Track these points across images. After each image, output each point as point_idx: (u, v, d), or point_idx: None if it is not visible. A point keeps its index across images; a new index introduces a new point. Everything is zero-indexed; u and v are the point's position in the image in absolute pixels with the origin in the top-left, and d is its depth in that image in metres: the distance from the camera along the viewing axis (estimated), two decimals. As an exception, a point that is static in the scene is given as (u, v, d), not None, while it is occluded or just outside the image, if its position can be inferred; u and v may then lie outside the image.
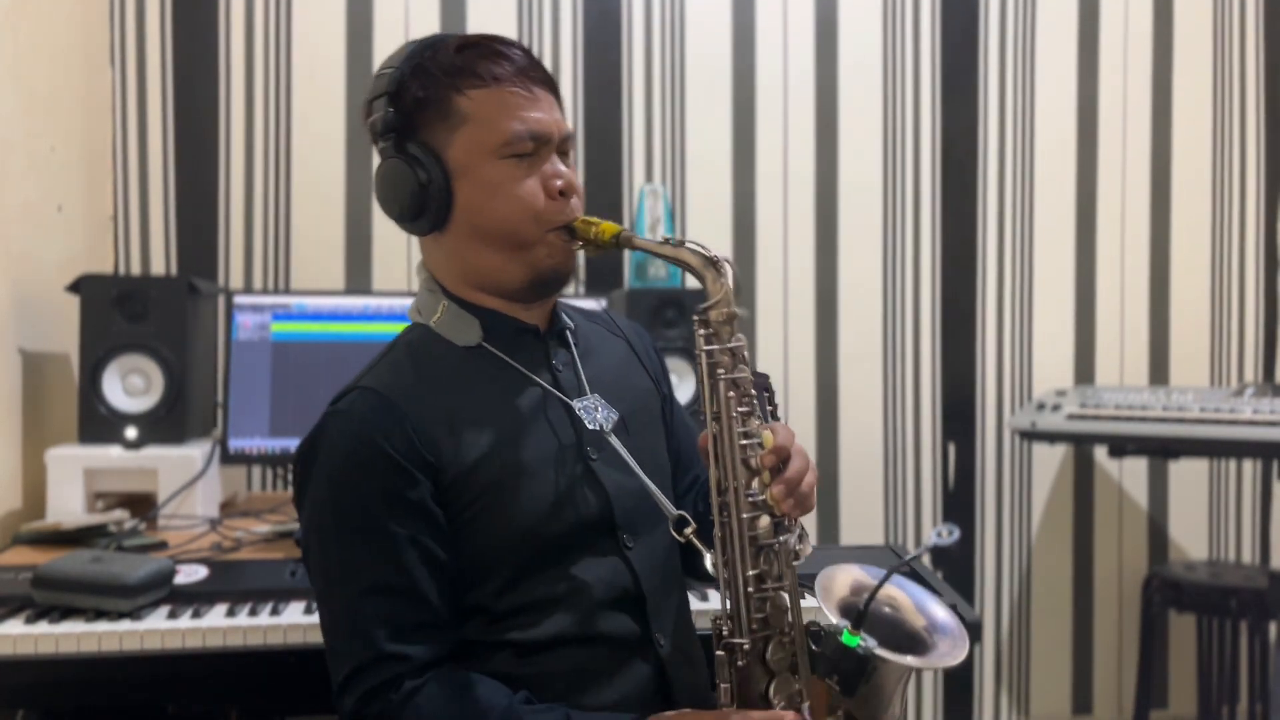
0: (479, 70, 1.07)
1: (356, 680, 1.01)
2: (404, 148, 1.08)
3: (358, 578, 1.02)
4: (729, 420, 1.04)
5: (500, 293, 1.12)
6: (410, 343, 1.14)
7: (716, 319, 1.05)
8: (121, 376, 1.88)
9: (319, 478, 1.05)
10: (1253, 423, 2.21)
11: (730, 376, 1.05)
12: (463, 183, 1.07)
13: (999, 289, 2.74)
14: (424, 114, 1.08)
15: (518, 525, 1.06)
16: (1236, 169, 2.81)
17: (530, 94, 1.08)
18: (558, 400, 1.12)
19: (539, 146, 1.08)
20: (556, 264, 1.10)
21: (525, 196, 1.07)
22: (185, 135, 2.43)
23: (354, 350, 1.98)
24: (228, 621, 1.39)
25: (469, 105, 1.06)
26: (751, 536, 1.02)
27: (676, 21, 2.61)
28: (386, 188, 1.09)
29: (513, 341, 1.12)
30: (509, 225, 1.07)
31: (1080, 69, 2.75)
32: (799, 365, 2.65)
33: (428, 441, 1.04)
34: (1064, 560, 2.77)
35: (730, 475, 1.03)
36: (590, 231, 1.07)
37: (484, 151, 1.06)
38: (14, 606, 1.42)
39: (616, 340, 1.26)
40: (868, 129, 2.68)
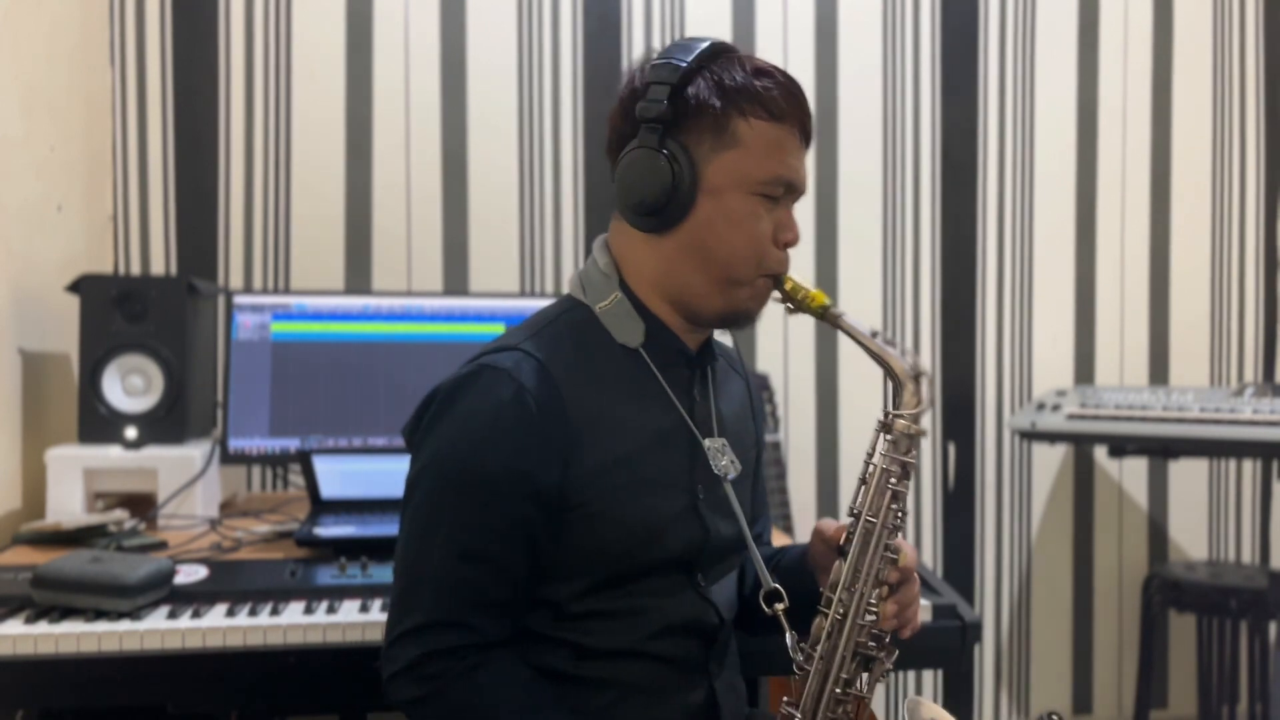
0: (770, 103, 1.06)
1: (424, 635, 1.00)
2: (665, 144, 1.06)
3: (459, 537, 1.02)
4: (882, 530, 1.05)
5: (687, 312, 1.11)
6: (574, 322, 1.12)
7: (900, 429, 1.06)
8: (121, 376, 1.88)
9: (455, 424, 1.04)
10: (1253, 423, 2.21)
11: (896, 488, 1.05)
12: (708, 200, 1.06)
13: (999, 289, 2.74)
14: (699, 120, 1.06)
15: (617, 540, 1.05)
16: (1236, 169, 2.81)
17: (800, 143, 1.09)
18: (688, 431, 1.12)
19: (786, 194, 1.09)
20: (754, 308, 1.11)
21: (759, 237, 1.07)
22: (185, 135, 2.43)
23: (354, 350, 1.98)
24: (228, 621, 1.39)
25: (747, 132, 1.06)
26: (857, 644, 1.04)
27: (676, 22, 2.61)
28: (637, 175, 1.07)
29: (666, 358, 1.12)
30: (733, 258, 1.07)
31: (1080, 69, 2.75)
32: (799, 365, 2.65)
33: (574, 428, 1.03)
34: (1064, 560, 2.77)
35: (862, 581, 1.04)
36: (798, 294, 1.09)
37: (742, 180, 1.06)
38: (14, 606, 1.41)
39: (738, 380, 1.27)
40: (868, 129, 2.68)
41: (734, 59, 1.08)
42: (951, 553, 2.72)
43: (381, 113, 2.49)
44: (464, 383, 1.05)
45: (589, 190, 2.57)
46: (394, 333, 2.00)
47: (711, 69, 1.07)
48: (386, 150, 2.49)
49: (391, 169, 2.50)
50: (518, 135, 2.54)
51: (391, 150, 2.49)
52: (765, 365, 2.60)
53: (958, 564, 2.72)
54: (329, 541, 1.63)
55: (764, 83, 1.06)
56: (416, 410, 1.09)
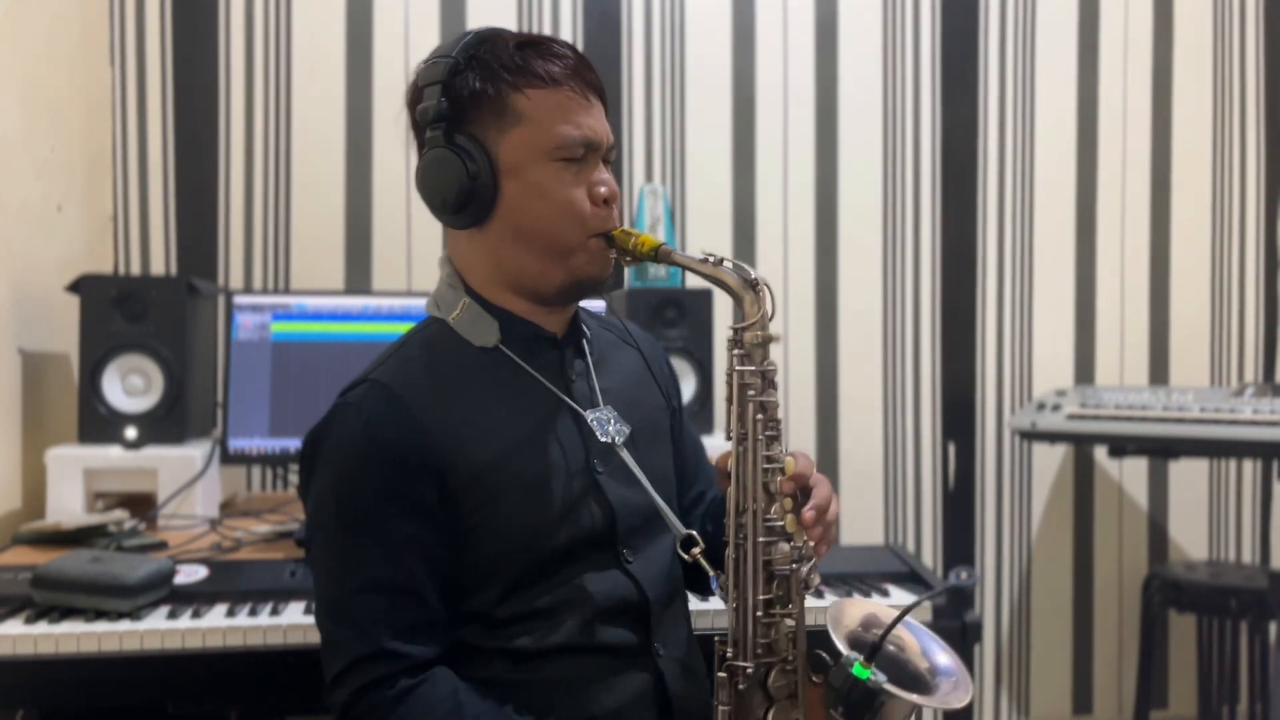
0: (539, 70, 1.06)
1: (351, 674, 1.01)
2: (453, 139, 1.06)
3: (358, 573, 1.02)
4: (754, 443, 1.04)
5: (533, 295, 1.11)
6: (426, 339, 1.12)
7: (751, 341, 1.04)
8: (121, 376, 1.88)
9: (324, 469, 1.05)
10: (1253, 423, 2.21)
11: (760, 399, 1.04)
12: (510, 181, 1.06)
13: (999, 289, 2.74)
14: (478, 108, 1.06)
15: (521, 534, 1.05)
16: (1236, 169, 2.81)
17: (585, 100, 1.09)
18: (569, 410, 1.11)
19: (588, 152, 1.08)
20: (594, 271, 1.09)
21: (572, 201, 1.07)
22: (185, 135, 2.43)
23: (354, 350, 1.98)
24: (228, 621, 1.39)
25: (526, 104, 1.06)
26: (765, 561, 1.02)
27: (676, 22, 2.61)
28: (431, 177, 1.08)
29: (529, 347, 1.12)
30: (553, 228, 1.07)
31: (1080, 69, 2.75)
32: (799, 365, 2.65)
33: (436, 442, 1.03)
34: (1064, 560, 2.77)
35: (750, 498, 1.03)
36: (630, 242, 1.07)
37: (536, 152, 1.06)
38: (14, 606, 1.42)
39: (629, 350, 1.25)
40: (868, 130, 2.68)
41: (499, 40, 1.09)
42: (951, 553, 2.72)
43: (381, 112, 2.49)
44: (322, 429, 1.07)
45: (589, 190, 2.56)
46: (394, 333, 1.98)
47: (478, 56, 1.07)
48: (386, 150, 2.49)
49: (391, 169, 2.50)
50: (518, 135, 2.54)
51: (391, 150, 2.49)
52: (765, 365, 2.59)
53: (958, 564, 2.72)
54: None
55: (529, 53, 1.07)
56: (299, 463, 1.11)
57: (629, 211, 2.56)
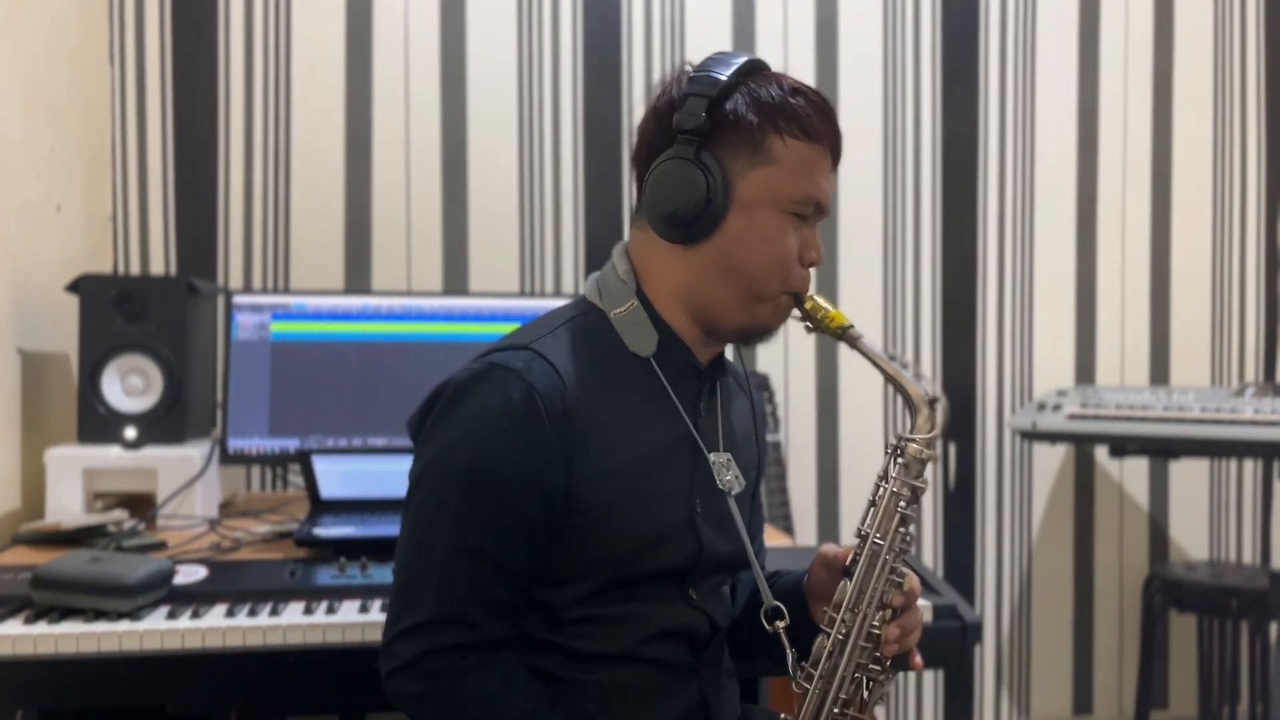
0: (806, 122, 1.07)
1: (425, 632, 1.00)
2: (700, 156, 1.06)
3: (464, 535, 1.01)
4: (889, 553, 1.05)
5: (709, 326, 1.11)
6: (586, 326, 1.12)
7: (913, 454, 1.06)
8: (121, 376, 1.88)
9: (464, 421, 1.03)
10: (1253, 423, 2.21)
11: (905, 512, 1.06)
12: (739, 215, 1.06)
13: (999, 289, 2.73)
14: (736, 135, 1.06)
15: (614, 551, 1.06)
16: (1236, 169, 2.80)
17: (830, 164, 1.10)
18: (693, 444, 1.11)
19: (814, 214, 1.10)
20: (774, 325, 1.12)
21: (786, 255, 1.08)
22: (185, 135, 2.43)
23: (354, 350, 1.98)
24: (227, 622, 1.39)
25: (782, 150, 1.06)
26: (858, 665, 1.04)
27: (676, 22, 2.61)
28: (669, 186, 1.06)
29: (677, 369, 1.12)
30: (761, 274, 1.07)
31: (1080, 69, 2.75)
32: (799, 365, 2.65)
33: (580, 434, 1.03)
34: (1064, 560, 2.77)
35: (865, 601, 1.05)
36: (818, 314, 1.09)
37: (774, 197, 1.06)
38: (13, 607, 1.41)
39: (743, 397, 1.26)
40: (868, 129, 2.68)
41: (770, 76, 1.09)
42: (952, 553, 2.72)
43: (381, 112, 2.49)
44: (473, 380, 1.04)
45: (589, 190, 2.57)
46: (394, 333, 2.00)
47: (749, 84, 1.07)
48: (386, 150, 2.49)
49: (391, 169, 2.49)
50: (518, 135, 2.54)
51: (391, 150, 2.49)
52: (765, 365, 2.60)
53: (958, 564, 2.72)
54: (329, 542, 1.63)
55: (799, 101, 1.07)
56: (424, 404, 1.09)
57: (628, 212, 2.56)
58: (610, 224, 2.57)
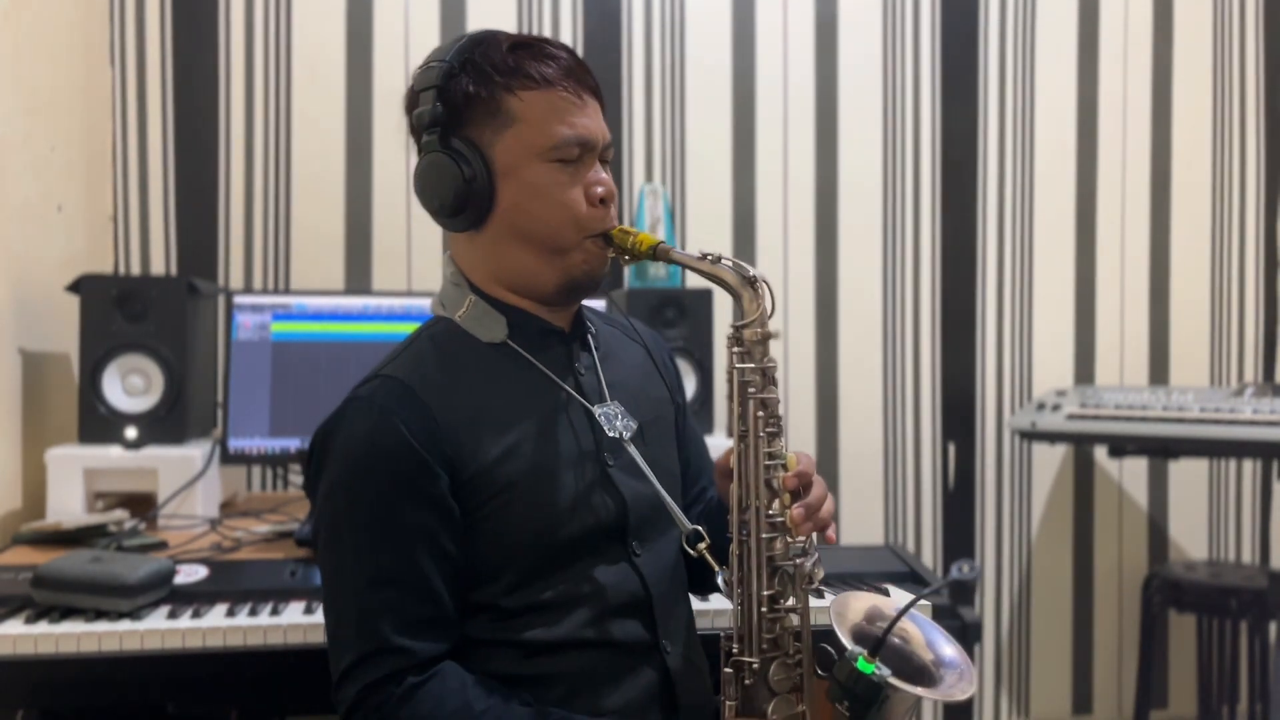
0: (531, 71, 1.06)
1: (359, 671, 1.00)
2: (449, 142, 1.07)
3: (367, 567, 1.02)
4: (756, 440, 1.03)
5: (531, 294, 1.12)
6: (434, 335, 1.13)
7: (750, 338, 1.04)
8: (121, 376, 1.88)
9: (335, 463, 1.05)
10: (1253, 423, 2.21)
11: (760, 396, 1.04)
12: (506, 182, 1.07)
13: (999, 289, 2.74)
14: (472, 110, 1.07)
15: (532, 527, 1.05)
16: (1236, 169, 2.81)
17: (579, 99, 1.08)
18: (579, 404, 1.12)
19: (584, 152, 1.08)
20: (591, 270, 1.10)
21: (568, 202, 1.07)
22: (185, 135, 2.43)
23: (354, 350, 1.98)
24: (228, 621, 1.39)
25: (519, 106, 1.06)
26: (769, 556, 1.02)
27: (676, 22, 2.61)
28: (428, 181, 1.08)
29: (537, 341, 1.12)
30: (549, 229, 1.07)
31: (1080, 69, 2.75)
32: (799, 365, 2.65)
33: (449, 435, 1.03)
34: (1064, 560, 2.77)
35: (753, 494, 1.03)
36: (628, 241, 1.08)
37: (531, 153, 1.06)
38: (14, 606, 1.42)
39: (635, 346, 1.26)
40: (868, 129, 2.68)
41: (491, 42, 1.09)
42: (951, 553, 2.72)
43: (381, 112, 2.49)
44: (333, 423, 1.06)
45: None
46: (394, 333, 2.00)
47: (470, 59, 1.07)
48: (386, 150, 2.49)
49: (391, 169, 2.50)
50: (518, 135, 2.54)
51: (391, 150, 2.49)
52: (765, 365, 2.59)
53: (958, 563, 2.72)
54: (324, 543, 1.63)
55: (521, 54, 1.07)
56: (305, 461, 1.11)
57: (629, 211, 2.56)
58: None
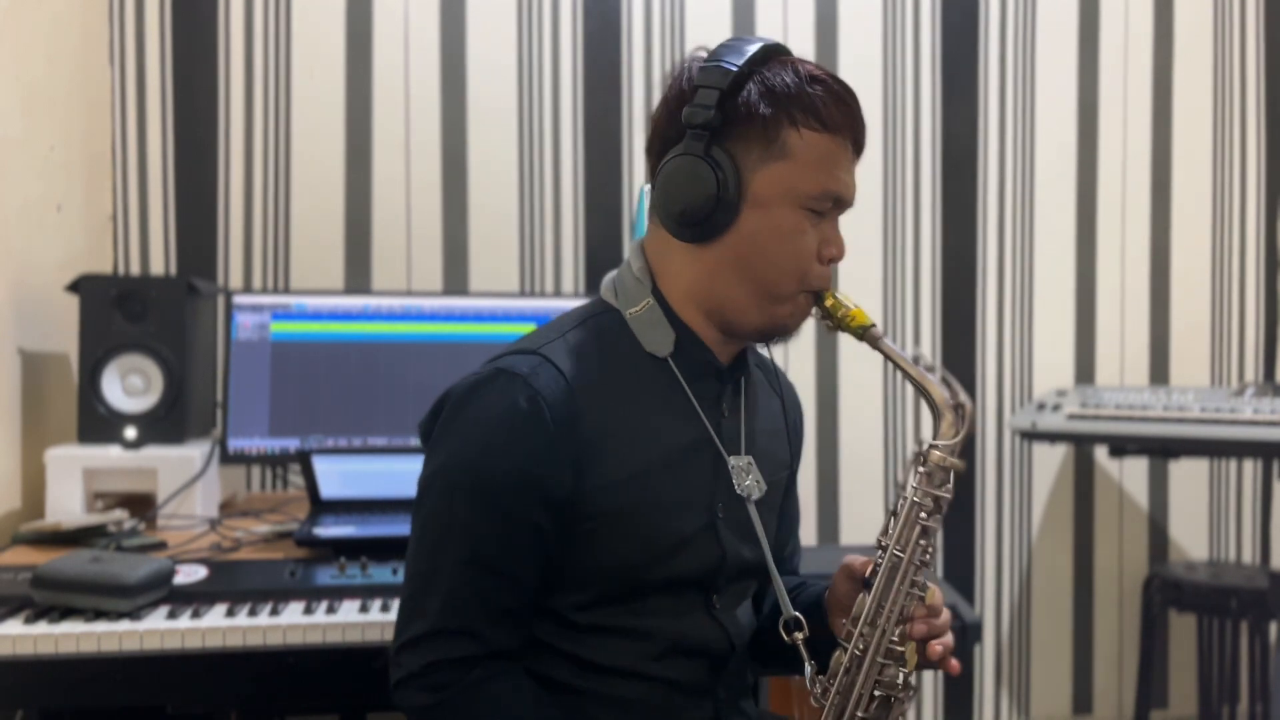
0: (823, 113, 1.02)
1: (430, 643, 0.99)
2: (711, 151, 1.02)
3: (469, 544, 1.00)
4: (909, 565, 1.02)
5: (726, 326, 1.08)
6: (601, 327, 1.09)
7: (936, 461, 1.02)
8: (121, 376, 1.88)
9: (468, 427, 1.01)
10: (1253, 423, 2.21)
11: (926, 524, 1.02)
12: (753, 212, 1.02)
13: (999, 289, 2.74)
14: (748, 128, 1.02)
15: (628, 556, 1.03)
16: (1236, 169, 2.81)
17: (851, 155, 1.06)
18: (713, 446, 1.08)
19: (833, 208, 1.06)
20: (793, 325, 1.08)
21: (804, 253, 1.04)
22: (185, 135, 2.43)
23: (354, 350, 1.98)
24: (227, 621, 1.39)
25: (798, 143, 1.02)
26: (877, 681, 1.01)
27: (676, 21, 2.61)
28: (679, 184, 1.02)
29: (696, 370, 1.08)
30: (777, 273, 1.04)
31: (1080, 69, 2.75)
32: (799, 365, 2.65)
33: (589, 439, 1.01)
34: (1064, 560, 2.77)
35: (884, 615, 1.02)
36: (839, 312, 1.05)
37: (790, 194, 1.02)
38: (13, 606, 1.42)
39: (774, 399, 1.22)
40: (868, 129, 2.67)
41: (786, 63, 1.04)
42: (951, 553, 2.72)
43: (381, 112, 2.49)
44: (478, 386, 1.02)
45: (589, 190, 2.57)
46: (394, 333, 2.00)
47: (762, 74, 1.02)
48: (386, 150, 2.49)
49: (391, 169, 2.49)
50: (518, 135, 2.54)
51: (391, 150, 2.49)
52: (765, 365, 2.59)
53: (958, 564, 2.72)
54: (329, 542, 1.63)
55: (817, 90, 1.02)
56: (432, 408, 1.07)
57: (629, 211, 2.56)
58: (610, 224, 2.57)
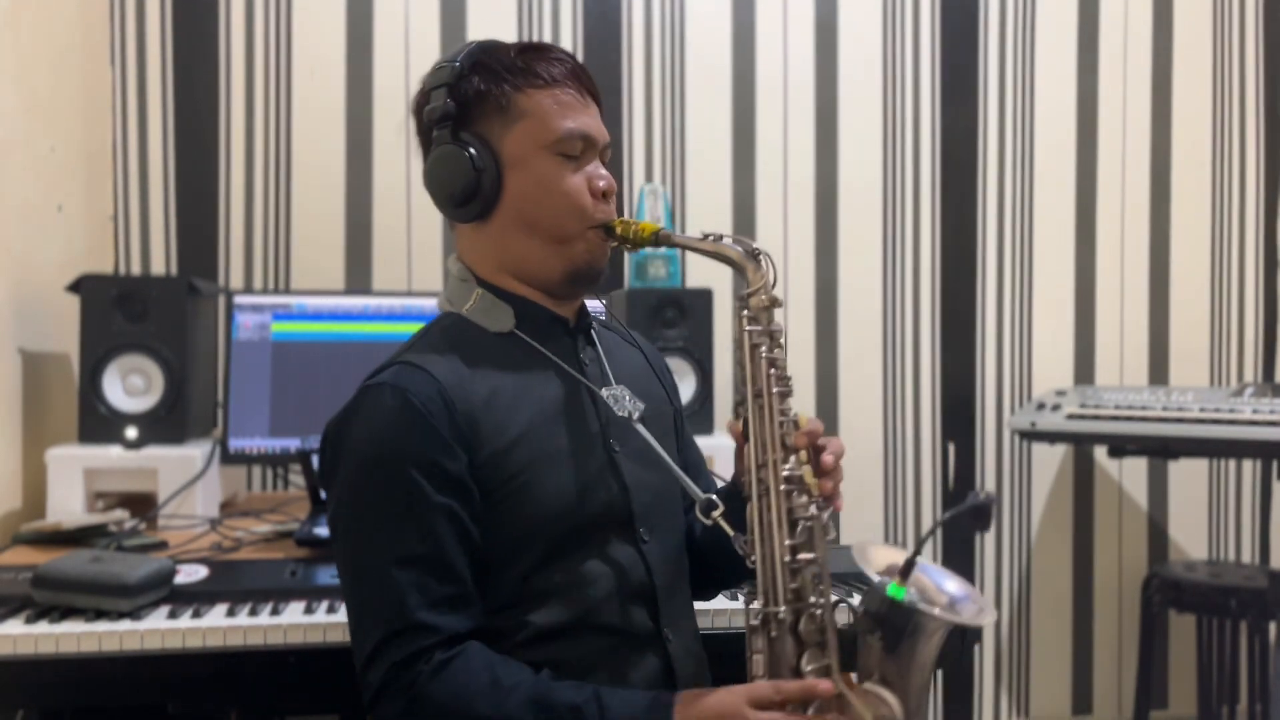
0: (539, 70, 1.12)
1: (385, 651, 1.01)
2: (459, 136, 1.12)
3: (391, 547, 1.03)
4: (769, 399, 1.06)
5: (536, 283, 1.15)
6: (445, 328, 1.16)
7: (756, 304, 1.09)
8: (121, 376, 1.88)
9: (355, 446, 1.06)
10: (1253, 422, 2.21)
11: (770, 356, 1.08)
12: (514, 173, 1.11)
13: (999, 289, 2.74)
14: (482, 106, 1.12)
15: (543, 511, 1.07)
16: (1236, 169, 2.81)
17: (582, 99, 1.14)
18: (586, 390, 1.15)
19: (586, 148, 1.13)
20: (593, 260, 1.14)
21: (571, 192, 1.12)
22: (185, 135, 2.43)
23: (354, 350, 1.98)
24: (228, 621, 1.39)
25: (527, 102, 1.11)
26: (788, 509, 1.04)
27: (676, 21, 2.61)
28: (439, 173, 1.12)
29: (544, 330, 1.16)
30: (555, 218, 1.12)
31: (1080, 69, 2.75)
32: (799, 365, 2.65)
33: (466, 417, 1.05)
34: (1064, 560, 2.77)
35: (769, 451, 1.05)
36: (630, 230, 1.12)
37: (537, 146, 1.11)
38: (14, 606, 1.42)
39: (632, 349, 1.30)
40: (868, 129, 2.68)
41: (500, 48, 1.15)
42: (951, 553, 2.72)
43: (381, 112, 2.49)
44: (349, 410, 1.09)
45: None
46: (394, 333, 2.00)
47: (481, 61, 1.13)
48: (386, 149, 2.49)
49: (391, 169, 2.50)
50: (518, 135, 2.54)
51: (391, 149, 2.49)
52: (765, 365, 2.59)
53: (957, 564, 2.72)
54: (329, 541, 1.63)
55: (528, 56, 1.13)
56: (319, 453, 1.13)
57: (629, 211, 2.56)
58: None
